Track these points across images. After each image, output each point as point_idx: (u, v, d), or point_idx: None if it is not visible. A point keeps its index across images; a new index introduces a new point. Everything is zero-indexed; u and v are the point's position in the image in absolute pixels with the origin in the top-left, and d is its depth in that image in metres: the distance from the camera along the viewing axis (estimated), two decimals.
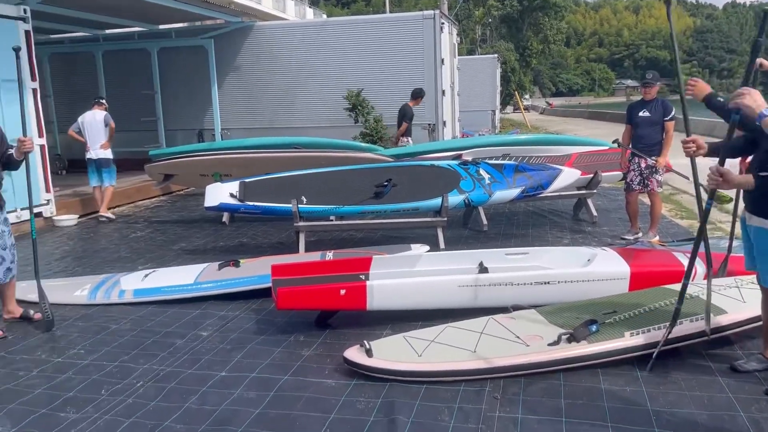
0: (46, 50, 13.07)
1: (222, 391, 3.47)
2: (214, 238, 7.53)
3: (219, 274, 5.31)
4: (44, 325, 4.51)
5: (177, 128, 13.31)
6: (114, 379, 3.66)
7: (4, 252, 4.46)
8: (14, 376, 3.74)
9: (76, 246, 7.41)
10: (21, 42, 8.01)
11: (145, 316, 4.75)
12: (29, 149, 4.44)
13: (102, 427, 3.11)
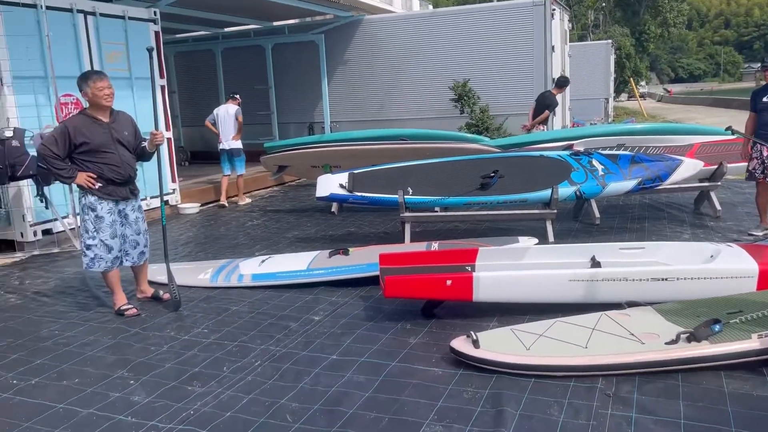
0: (172, 49, 14.01)
1: (333, 373, 3.61)
2: (324, 227, 7.78)
3: (329, 262, 5.49)
4: (172, 305, 4.88)
5: (289, 121, 13.85)
6: (234, 358, 3.90)
7: (138, 237, 4.87)
8: (147, 351, 4.08)
9: (199, 232, 7.93)
10: (151, 42, 8.64)
11: (262, 299, 5.02)
12: (161, 142, 4.81)
13: (224, 402, 3.33)
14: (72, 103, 7.50)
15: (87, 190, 4.58)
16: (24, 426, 3.16)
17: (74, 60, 7.55)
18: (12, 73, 6.78)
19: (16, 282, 5.92)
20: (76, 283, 5.77)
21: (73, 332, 4.49)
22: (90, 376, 3.73)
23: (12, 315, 4.95)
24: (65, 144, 4.47)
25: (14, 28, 6.74)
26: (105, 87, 4.53)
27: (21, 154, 6.35)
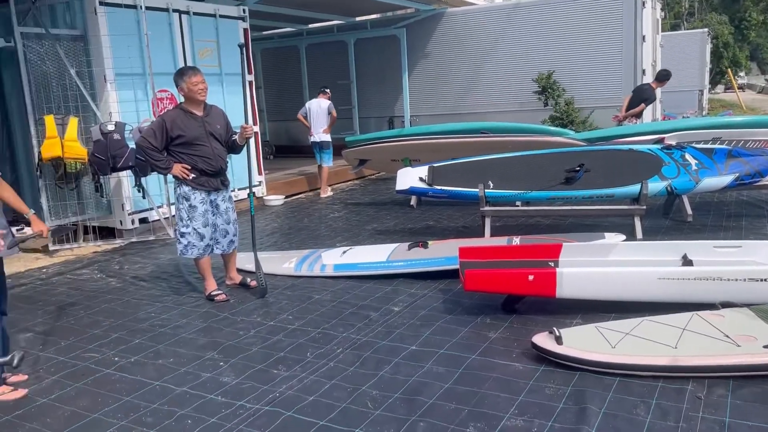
0: (259, 46, 14.46)
1: (413, 363, 3.65)
2: (403, 221, 7.84)
3: (409, 254, 5.54)
4: (259, 292, 5.07)
5: (370, 116, 14.00)
6: (317, 344, 4.02)
7: (228, 226, 5.08)
8: (236, 335, 4.27)
9: (283, 223, 8.18)
10: (240, 39, 8.95)
11: (343, 289, 5.13)
12: (250, 135, 5.00)
13: (308, 386, 3.44)
14: (167, 98, 7.90)
15: (182, 180, 4.83)
16: (125, 400, 3.39)
17: (169, 57, 7.95)
18: (114, 71, 7.22)
19: (116, 267, 6.33)
20: (170, 269, 6.10)
21: (167, 315, 4.76)
22: (183, 356, 3.95)
23: (113, 297, 5.29)
24: (163, 136, 4.73)
25: (116, 27, 7.17)
26: (199, 82, 4.76)
27: (122, 146, 6.76)
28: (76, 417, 3.23)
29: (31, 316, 4.86)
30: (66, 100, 7.07)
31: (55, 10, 7.39)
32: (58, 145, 6.70)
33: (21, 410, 3.33)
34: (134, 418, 3.18)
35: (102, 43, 7.08)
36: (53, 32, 7.09)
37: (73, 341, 4.30)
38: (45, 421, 3.20)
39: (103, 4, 7.09)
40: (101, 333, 4.43)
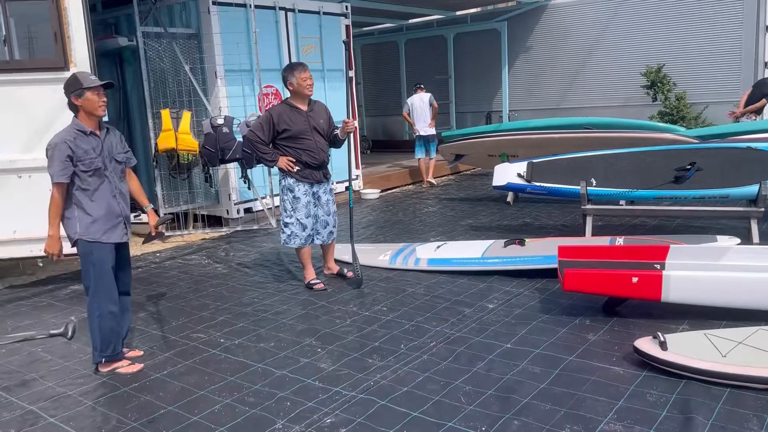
0: (358, 42, 14.70)
1: (507, 361, 3.61)
2: (499, 217, 7.74)
3: (504, 251, 5.47)
4: (355, 282, 5.19)
5: (467, 110, 13.89)
6: (411, 337, 4.06)
7: (328, 217, 5.23)
8: (333, 323, 4.39)
9: (378, 216, 8.30)
10: (341, 35, 9.16)
11: (437, 283, 5.15)
12: (352, 130, 5.12)
13: (402, 377, 3.49)
14: (272, 93, 8.22)
15: (286, 172, 5.02)
16: (230, 379, 3.58)
17: (275, 54, 8.26)
18: (224, 67, 7.59)
19: (223, 254, 6.67)
20: (271, 257, 6.36)
21: (269, 301, 4.97)
22: (283, 341, 4.12)
23: (219, 282, 5.59)
24: (270, 130, 4.93)
25: (227, 26, 7.54)
26: (308, 78, 4.93)
27: (230, 139, 7.10)
28: (186, 393, 3.45)
29: (146, 297, 5.23)
30: (180, 95, 7.52)
31: (172, 11, 7.87)
32: (173, 137, 7.15)
33: (137, 383, 3.60)
34: (237, 398, 3.35)
35: (214, 40, 7.46)
36: (170, 31, 7.55)
37: (183, 322, 4.58)
38: (158, 395, 3.44)
39: (216, 4, 7.47)
40: (208, 315, 4.70)
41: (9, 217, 5.44)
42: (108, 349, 3.67)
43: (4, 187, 5.42)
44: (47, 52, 5.53)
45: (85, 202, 3.56)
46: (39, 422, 3.20)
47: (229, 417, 3.14)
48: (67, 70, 5.14)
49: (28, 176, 5.39)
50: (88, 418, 3.23)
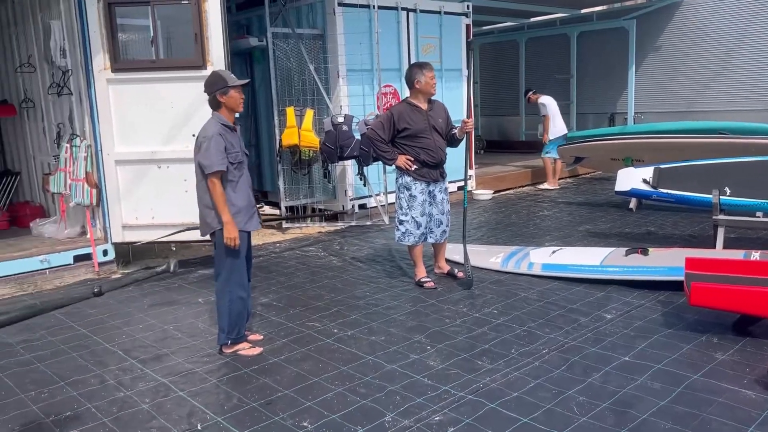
0: (477, 41, 14.57)
1: (625, 374, 3.46)
2: (620, 224, 7.40)
3: (625, 260, 5.23)
4: (466, 283, 5.17)
5: (588, 111, 13.37)
6: (522, 342, 3.99)
7: (442, 216, 5.25)
8: (442, 322, 4.41)
9: (490, 218, 8.20)
10: (461, 35, 9.13)
11: (551, 289, 5.02)
12: (470, 130, 5.10)
13: (512, 381, 3.44)
14: (390, 92, 8.36)
15: (404, 171, 5.09)
16: (341, 369, 3.70)
17: (395, 54, 8.39)
18: (346, 67, 7.82)
19: (338, 247, 6.88)
20: (383, 253, 6.47)
21: (380, 295, 5.07)
22: (394, 336, 4.19)
23: (334, 274, 5.77)
24: (390, 128, 5.03)
25: (351, 26, 7.75)
26: (434, 77, 5.01)
27: (349, 137, 7.31)
28: (301, 378, 3.60)
29: (266, 284, 5.51)
30: (304, 94, 7.84)
31: (300, 12, 8.20)
32: (296, 134, 7.46)
33: (257, 366, 3.80)
34: (349, 387, 3.46)
35: (338, 40, 7.70)
36: (298, 31, 7.88)
37: (299, 310, 4.79)
38: (275, 378, 3.62)
39: (341, 5, 7.71)
40: (323, 305, 4.88)
41: (148, 204, 5.93)
42: (234, 332, 3.92)
43: (145, 175, 5.91)
44: (182, 52, 5.96)
45: (230, 193, 3.80)
46: (169, 394, 3.47)
47: (342, 405, 3.25)
48: (204, 69, 5.52)
49: (166, 167, 5.85)
50: (212, 395, 3.46)
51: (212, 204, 3.77)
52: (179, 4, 5.70)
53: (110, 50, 5.70)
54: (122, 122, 5.85)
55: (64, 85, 6.14)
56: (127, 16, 5.88)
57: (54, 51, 6.08)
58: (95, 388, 3.57)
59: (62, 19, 5.97)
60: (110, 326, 4.58)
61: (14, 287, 5.60)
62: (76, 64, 5.95)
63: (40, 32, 6.46)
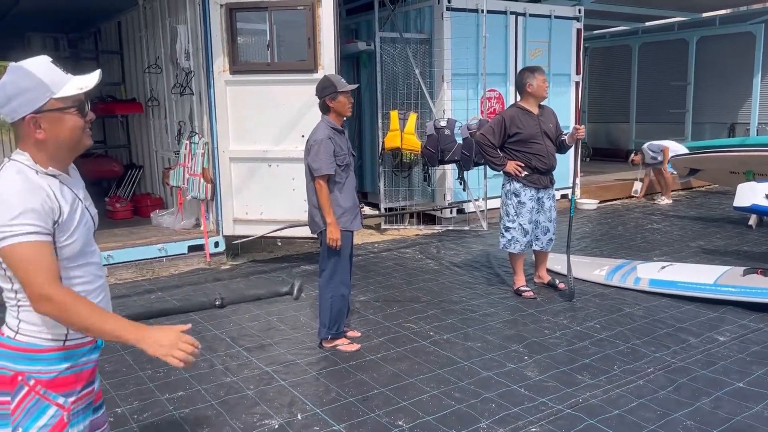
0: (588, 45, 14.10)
1: (738, 401, 3.26)
2: (738, 241, 6.94)
3: (743, 281, 4.90)
4: (567, 295, 5.03)
5: (706, 121, 12.60)
6: (625, 359, 3.85)
7: (549, 224, 5.15)
8: (540, 333, 4.33)
9: (595, 229, 7.93)
10: (571, 39, 8.89)
11: (659, 306, 4.79)
12: (581, 137, 4.96)
13: (613, 399, 3.33)
14: (495, 97, 8.28)
15: (513, 177, 5.02)
16: (436, 372, 3.72)
17: (501, 58, 8.30)
18: (451, 71, 7.83)
19: (434, 251, 6.90)
20: (481, 259, 6.43)
21: (477, 301, 5.05)
22: (490, 343, 4.16)
23: (430, 277, 5.80)
24: (501, 133, 4.98)
25: (458, 31, 7.75)
26: (545, 81, 4.93)
27: (451, 141, 7.31)
28: (396, 378, 3.66)
29: (364, 283, 5.62)
30: (408, 97, 7.92)
31: (408, 16, 8.30)
32: (399, 137, 7.57)
33: (354, 362, 3.90)
34: (444, 391, 3.47)
35: (444, 45, 7.73)
36: (405, 36, 7.98)
37: (396, 311, 4.85)
38: (372, 375, 3.70)
39: (450, 9, 7.72)
40: (419, 307, 4.92)
41: (258, 200, 6.22)
42: (334, 327, 4.04)
43: (256, 173, 6.21)
44: (294, 56, 6.20)
45: (337, 195, 3.93)
46: (272, 383, 3.63)
47: (436, 408, 3.27)
48: (315, 73, 5.72)
49: (276, 165, 6.11)
50: (311, 387, 3.59)
51: (319, 204, 3.91)
52: (294, 10, 5.94)
53: (230, 53, 6.03)
54: (237, 122, 6.17)
55: (186, 85, 6.57)
56: (246, 20, 6.20)
57: (179, 53, 6.51)
58: (205, 371, 3.80)
59: (188, 24, 6.39)
60: (219, 314, 4.85)
61: (135, 272, 6.05)
62: (198, 66, 6.35)
63: (168, 36, 6.93)
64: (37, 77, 1.66)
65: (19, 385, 1.71)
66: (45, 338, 1.73)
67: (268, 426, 3.15)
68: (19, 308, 1.73)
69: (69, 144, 1.74)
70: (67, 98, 1.69)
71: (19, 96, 1.66)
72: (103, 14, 9.04)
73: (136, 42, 8.15)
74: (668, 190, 9.73)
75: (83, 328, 1.66)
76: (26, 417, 1.71)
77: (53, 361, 1.74)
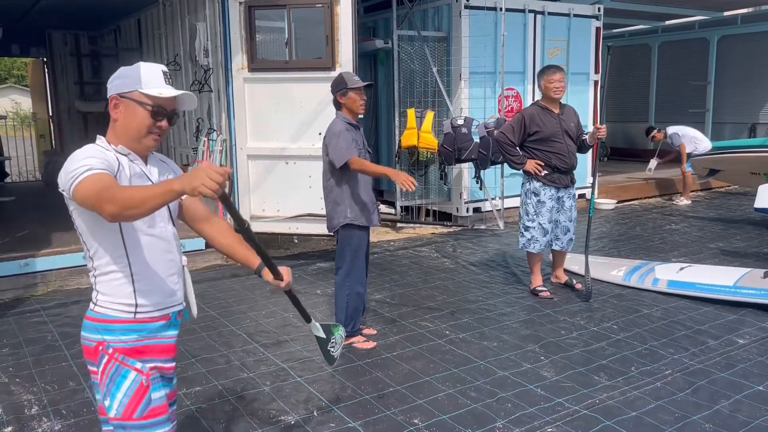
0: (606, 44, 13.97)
1: (758, 405, 3.22)
2: (758, 243, 6.85)
3: (763, 283, 4.84)
4: (584, 295, 5.00)
5: (726, 121, 12.46)
6: (643, 360, 3.82)
7: (569, 224, 5.11)
8: (557, 333, 4.31)
9: (612, 229, 7.87)
10: (591, 38, 8.82)
11: (677, 308, 4.74)
12: (603, 136, 4.91)
13: (630, 400, 3.31)
14: (513, 96, 8.25)
15: (533, 176, 5.00)
16: (452, 371, 3.72)
17: (519, 57, 8.26)
18: (469, 69, 7.80)
19: (450, 249, 6.89)
20: (497, 258, 6.41)
21: (493, 301, 5.03)
22: (506, 342, 4.15)
23: (445, 276, 5.80)
24: (521, 132, 4.95)
25: (476, 29, 7.72)
26: (556, 80, 4.84)
27: (468, 140, 7.28)
28: (412, 376, 3.66)
29: (380, 281, 5.63)
30: (425, 96, 7.91)
31: (426, 14, 8.29)
32: (415, 135, 7.55)
33: (370, 359, 3.91)
34: (460, 390, 3.47)
35: (462, 43, 7.70)
36: (423, 34, 7.96)
37: (412, 309, 4.85)
38: (387, 373, 3.70)
39: (468, 8, 7.70)
40: (435, 306, 4.91)
41: (275, 197, 6.25)
42: (350, 324, 4.05)
43: (273, 170, 6.24)
44: (311, 53, 6.21)
45: (354, 190, 3.93)
46: (288, 379, 3.65)
47: (452, 407, 3.27)
48: (333, 70, 5.73)
49: (293, 163, 6.13)
50: (327, 383, 3.60)
51: (339, 200, 3.91)
52: (313, 7, 5.96)
53: (248, 51, 6.06)
54: (255, 119, 6.20)
55: (205, 82, 6.61)
56: (264, 18, 6.23)
57: (198, 51, 6.56)
58: (222, 367, 3.83)
59: (207, 21, 6.43)
60: (236, 310, 4.89)
61: None
62: (217, 63, 6.38)
63: (187, 33, 6.98)
64: (139, 72, 1.91)
65: (100, 354, 1.90)
66: (116, 309, 1.91)
67: (284, 422, 3.16)
68: (95, 278, 1.93)
69: (132, 134, 1.92)
70: (147, 96, 1.90)
71: (118, 78, 1.93)
72: (123, 12, 9.13)
73: (155, 39, 8.21)
74: (687, 191, 9.62)
75: (141, 201, 1.70)
76: (111, 383, 1.89)
77: (126, 332, 1.91)
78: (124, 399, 1.88)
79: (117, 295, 1.91)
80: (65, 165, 1.81)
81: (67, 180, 1.77)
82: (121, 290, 1.90)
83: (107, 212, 1.70)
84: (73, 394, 3.51)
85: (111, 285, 1.90)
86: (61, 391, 3.55)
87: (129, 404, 1.88)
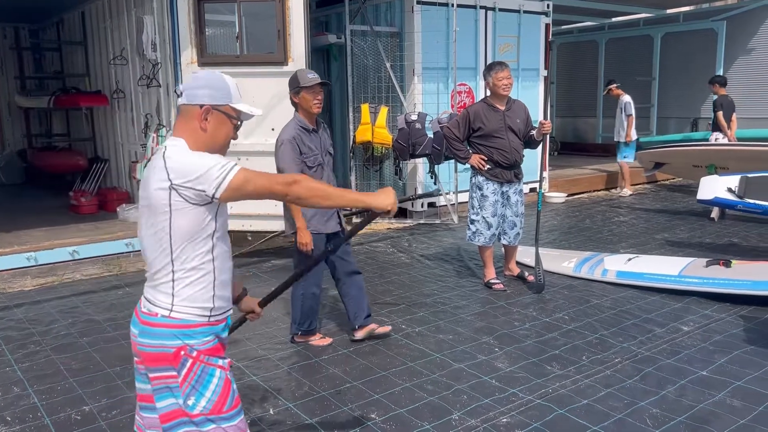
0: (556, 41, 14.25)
1: (701, 389, 3.35)
2: (700, 234, 7.11)
3: (706, 272, 5.03)
4: (536, 287, 5.10)
5: (670, 116, 12.88)
6: (594, 349, 3.92)
7: (516, 218, 5.20)
8: (510, 324, 4.38)
9: (563, 221, 8.05)
10: (540, 34, 8.98)
11: (625, 298, 4.89)
12: (548, 131, 5.02)
13: (582, 389, 3.39)
14: (465, 91, 8.33)
15: (477, 170, 5.07)
16: (409, 365, 3.74)
17: (471, 52, 8.35)
18: (422, 65, 7.83)
19: (406, 244, 6.92)
20: (452, 252, 6.47)
21: (448, 294, 5.08)
22: (461, 335, 4.20)
23: (401, 271, 5.82)
24: (465, 127, 5.02)
25: (428, 25, 7.76)
26: (504, 77, 4.91)
27: (422, 135, 7.33)
28: (369, 371, 3.66)
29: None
30: (379, 91, 7.91)
31: (378, 9, 8.28)
32: (370, 130, 7.55)
33: (326, 356, 3.90)
34: (416, 383, 3.49)
35: (415, 39, 7.73)
36: (376, 29, 7.96)
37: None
38: (345, 369, 3.70)
39: (420, 3, 7.73)
40: (391, 301, 4.93)
41: None
42: (305, 323, 4.02)
43: None
44: (261, 48, 6.12)
45: None
46: (243, 378, 3.60)
47: (409, 400, 3.29)
48: (286, 65, 5.67)
49: (246, 159, 6.01)
50: (283, 381, 3.57)
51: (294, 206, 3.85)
52: (264, 2, 5.88)
53: (197, 45, 5.94)
54: None
55: (153, 77, 6.46)
56: (214, 12, 6.12)
57: (146, 45, 6.40)
58: None
59: (154, 14, 6.28)
60: None
61: (101, 268, 5.94)
62: (165, 57, 6.24)
63: (134, 26, 6.80)
64: (228, 84, 1.98)
65: (183, 359, 1.91)
66: (196, 314, 1.94)
67: None
68: (174, 283, 1.93)
69: (215, 144, 1.97)
70: (237, 111, 1.99)
71: (207, 88, 1.96)
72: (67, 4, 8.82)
73: (101, 32, 7.97)
74: (628, 182, 9.91)
75: (327, 196, 1.94)
76: (197, 384, 1.93)
77: (205, 335, 1.96)
78: (213, 396, 1.95)
79: (198, 300, 1.95)
80: (189, 166, 1.84)
81: (213, 177, 1.82)
82: (202, 295, 1.95)
83: (289, 190, 1.88)
84: (17, 400, 3.38)
85: (194, 289, 1.94)
86: (5, 397, 3.42)
87: (219, 399, 1.96)
